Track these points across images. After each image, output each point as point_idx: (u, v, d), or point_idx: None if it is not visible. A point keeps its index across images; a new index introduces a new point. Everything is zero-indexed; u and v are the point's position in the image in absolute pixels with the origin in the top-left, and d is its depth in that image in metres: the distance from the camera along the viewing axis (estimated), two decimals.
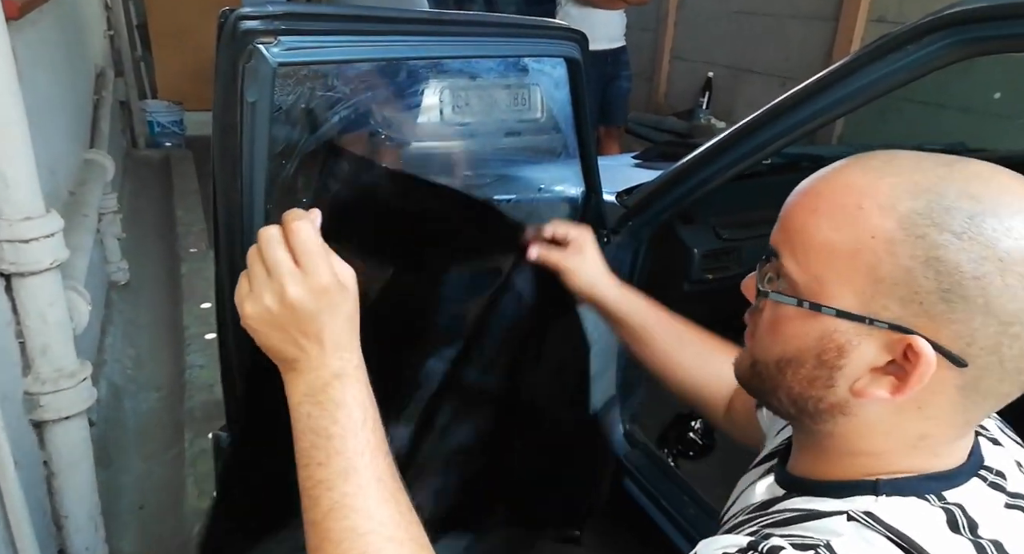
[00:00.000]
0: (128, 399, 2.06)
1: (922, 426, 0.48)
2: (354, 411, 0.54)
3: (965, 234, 0.43)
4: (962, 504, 0.47)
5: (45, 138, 1.67)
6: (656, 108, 4.50)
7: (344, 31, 0.73)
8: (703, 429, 1.76)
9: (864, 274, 0.46)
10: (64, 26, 2.37)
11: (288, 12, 0.67)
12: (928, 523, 0.46)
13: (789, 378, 0.51)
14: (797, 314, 0.49)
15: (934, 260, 0.43)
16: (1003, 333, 0.43)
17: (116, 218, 2.50)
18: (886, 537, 0.44)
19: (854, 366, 0.47)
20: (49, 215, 1.25)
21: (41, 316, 1.25)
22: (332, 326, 0.55)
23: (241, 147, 0.67)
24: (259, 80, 0.65)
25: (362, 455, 0.53)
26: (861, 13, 3.06)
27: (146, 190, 3.64)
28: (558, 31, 1.06)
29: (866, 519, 0.45)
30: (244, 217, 0.69)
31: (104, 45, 3.73)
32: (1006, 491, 0.50)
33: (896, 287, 0.45)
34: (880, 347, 0.46)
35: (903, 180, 0.45)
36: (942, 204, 0.44)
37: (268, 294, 0.54)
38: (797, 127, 1.12)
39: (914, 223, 0.44)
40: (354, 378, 0.56)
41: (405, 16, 0.82)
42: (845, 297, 0.47)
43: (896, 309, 0.45)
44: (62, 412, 1.29)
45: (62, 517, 1.36)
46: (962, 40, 0.93)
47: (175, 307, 2.58)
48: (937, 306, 0.44)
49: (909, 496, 0.47)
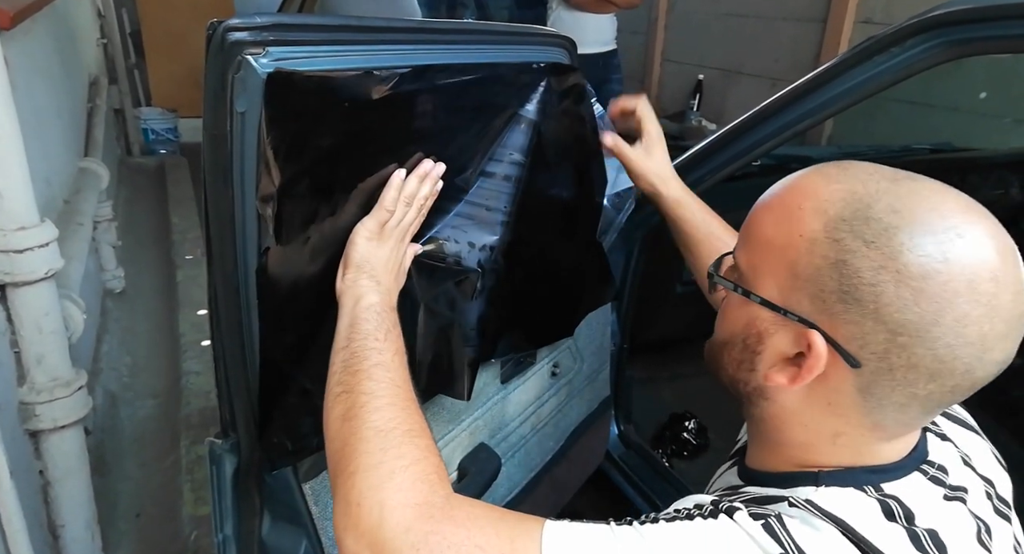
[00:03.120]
0: (124, 407, 2.06)
1: (834, 423, 0.51)
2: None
3: (873, 243, 0.45)
4: (898, 496, 0.50)
5: (39, 147, 1.68)
6: None
7: (334, 41, 0.73)
8: (697, 429, 1.77)
9: (787, 268, 0.49)
10: (57, 35, 2.37)
11: (276, 23, 0.67)
12: (863, 512, 0.48)
13: (725, 359, 0.56)
14: (735, 300, 0.54)
15: (840, 263, 0.46)
16: (891, 341, 0.45)
17: (111, 226, 2.50)
18: (828, 523, 0.47)
19: (770, 353, 0.52)
20: (44, 225, 1.25)
21: (36, 326, 1.26)
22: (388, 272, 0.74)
23: (231, 157, 0.67)
24: (248, 90, 0.65)
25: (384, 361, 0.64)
26: (849, 15, 3.08)
27: (141, 197, 3.64)
28: (548, 38, 1.07)
29: (805, 506, 0.48)
30: (236, 226, 0.70)
31: (97, 53, 3.73)
32: (946, 484, 0.53)
33: (808, 284, 0.48)
34: (791, 339, 0.50)
35: (844, 188, 0.48)
36: (866, 214, 0.46)
37: (385, 229, 0.74)
38: (787, 128, 1.13)
39: (836, 228, 0.47)
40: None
41: (394, 25, 0.83)
42: (770, 288, 0.51)
43: (806, 304, 0.48)
44: (58, 421, 1.29)
45: (59, 526, 1.36)
46: (946, 42, 0.94)
47: (171, 314, 2.57)
48: (836, 306, 0.47)
49: (848, 487, 0.50)
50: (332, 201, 0.75)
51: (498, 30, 1.10)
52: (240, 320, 0.73)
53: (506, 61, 0.96)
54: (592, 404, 1.39)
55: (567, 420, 1.31)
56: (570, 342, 1.27)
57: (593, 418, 1.39)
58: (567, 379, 1.29)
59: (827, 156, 0.80)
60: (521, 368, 1.14)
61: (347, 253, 0.73)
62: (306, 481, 0.81)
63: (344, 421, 0.59)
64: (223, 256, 0.71)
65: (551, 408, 1.25)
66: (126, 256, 2.75)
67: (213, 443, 0.80)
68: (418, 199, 0.78)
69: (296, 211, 0.71)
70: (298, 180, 0.70)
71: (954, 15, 0.92)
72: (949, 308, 0.44)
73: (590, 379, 1.37)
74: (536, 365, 1.18)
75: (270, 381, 0.75)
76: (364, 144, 0.76)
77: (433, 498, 0.52)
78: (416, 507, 0.51)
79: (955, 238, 0.44)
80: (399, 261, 0.77)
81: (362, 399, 0.59)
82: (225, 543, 0.83)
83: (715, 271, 0.57)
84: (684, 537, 0.47)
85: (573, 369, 1.31)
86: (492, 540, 0.49)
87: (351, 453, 0.56)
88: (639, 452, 1.55)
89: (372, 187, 0.78)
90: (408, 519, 0.50)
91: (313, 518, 0.82)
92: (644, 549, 0.46)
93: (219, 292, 0.73)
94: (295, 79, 0.67)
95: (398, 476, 0.53)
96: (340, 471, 0.56)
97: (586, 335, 1.31)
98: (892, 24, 1.00)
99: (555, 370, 1.23)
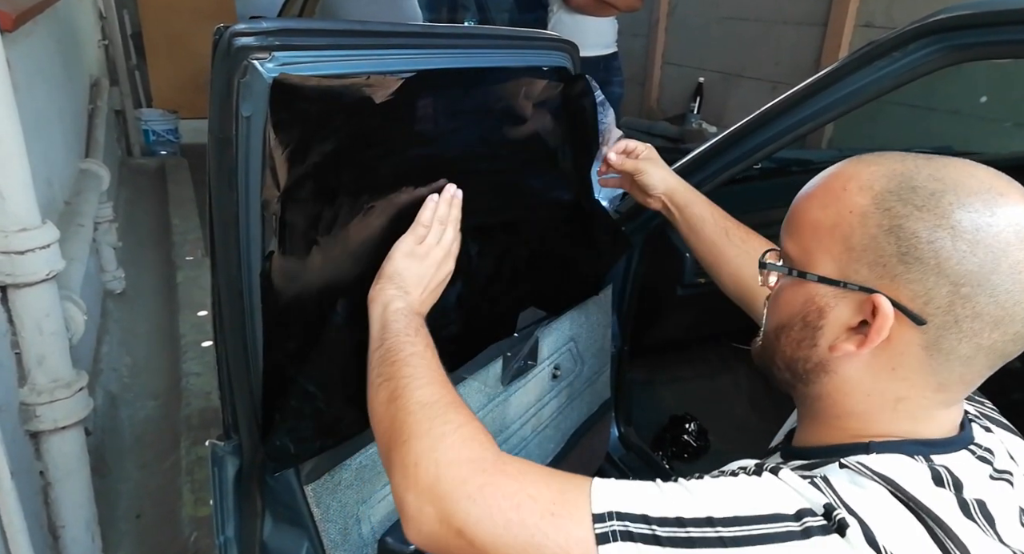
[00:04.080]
0: (125, 408, 2.06)
1: (897, 388, 0.53)
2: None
3: (924, 207, 0.49)
4: (948, 466, 0.52)
5: (41, 149, 1.68)
6: (648, 113, 4.52)
7: (339, 46, 0.74)
8: (697, 431, 1.76)
9: (840, 243, 0.53)
10: (59, 37, 2.37)
11: (282, 28, 0.67)
12: (913, 475, 0.50)
13: (783, 343, 0.58)
14: (790, 284, 0.57)
15: (896, 228, 0.50)
16: (955, 293, 0.48)
17: (112, 227, 2.50)
18: (877, 482, 0.49)
19: (832, 325, 0.54)
20: (45, 226, 1.26)
21: (37, 327, 1.26)
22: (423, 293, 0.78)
23: (236, 160, 0.67)
24: (254, 95, 0.65)
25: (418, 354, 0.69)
26: (849, 18, 3.09)
27: (142, 199, 3.64)
28: (550, 42, 1.08)
29: (857, 466, 0.50)
30: (240, 228, 0.70)
31: (99, 54, 3.73)
32: (993, 465, 0.55)
33: (864, 253, 0.51)
34: (853, 308, 0.53)
35: (884, 167, 0.53)
36: (910, 184, 0.50)
37: (423, 248, 0.78)
38: (787, 132, 1.14)
39: (884, 199, 0.51)
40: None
41: (399, 30, 0.83)
42: (826, 265, 0.54)
43: (865, 273, 0.52)
44: (58, 422, 1.29)
45: (59, 527, 1.36)
46: (947, 47, 0.95)
47: (171, 315, 2.57)
48: (897, 268, 0.50)
49: (898, 454, 0.52)
50: (338, 206, 0.75)
51: (502, 34, 1.11)
52: (243, 323, 0.73)
53: (509, 65, 0.96)
54: (592, 406, 1.39)
55: (567, 422, 1.31)
56: (571, 344, 1.27)
57: (593, 420, 1.39)
58: (568, 381, 1.29)
59: (828, 159, 0.81)
60: (523, 370, 1.14)
61: (383, 266, 0.78)
62: (308, 483, 0.81)
63: (390, 402, 0.63)
64: (227, 259, 0.71)
65: (552, 410, 1.25)
66: (127, 257, 2.75)
67: (215, 445, 0.80)
68: (451, 220, 0.82)
69: (301, 215, 0.72)
70: (303, 184, 0.70)
71: (955, 20, 0.93)
72: (1004, 256, 0.47)
73: (590, 381, 1.37)
74: (537, 367, 1.18)
75: (273, 384, 0.75)
76: (369, 148, 0.77)
77: (484, 454, 0.56)
78: (470, 462, 0.55)
79: (996, 196, 0.49)
80: (434, 278, 0.79)
81: (403, 381, 0.64)
82: (227, 545, 0.83)
83: (765, 262, 0.60)
84: (730, 490, 0.49)
85: (574, 371, 1.31)
86: (543, 490, 0.51)
87: (401, 426, 0.60)
88: (639, 454, 1.55)
89: (382, 192, 0.79)
90: (463, 473, 0.54)
91: (315, 520, 0.82)
92: (691, 501, 0.48)
93: (222, 295, 0.73)
94: (301, 84, 0.67)
95: (449, 437, 0.57)
96: (393, 443, 0.60)
97: (586, 337, 1.32)
98: (893, 28, 1.01)
99: (556, 372, 1.24)
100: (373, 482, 0.89)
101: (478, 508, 0.52)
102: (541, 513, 0.50)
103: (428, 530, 0.54)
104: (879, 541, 0.45)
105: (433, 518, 0.53)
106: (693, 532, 0.47)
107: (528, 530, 0.50)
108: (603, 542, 0.47)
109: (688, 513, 0.47)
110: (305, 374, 0.77)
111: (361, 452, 0.87)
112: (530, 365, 1.16)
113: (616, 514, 0.48)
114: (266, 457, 0.78)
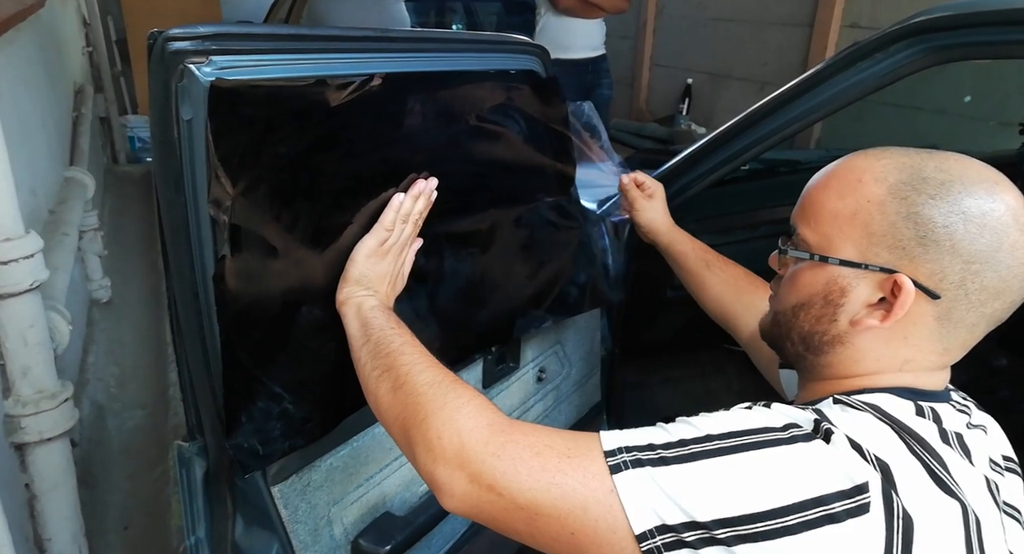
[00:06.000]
0: (111, 418, 2.04)
1: (907, 352, 0.60)
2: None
3: (937, 195, 0.56)
4: (933, 407, 0.59)
5: (24, 157, 1.66)
6: (637, 114, 4.54)
7: (283, 50, 0.74)
8: None
9: (861, 230, 0.59)
10: (42, 44, 2.35)
11: (220, 33, 0.68)
12: (898, 406, 0.58)
13: (801, 319, 0.64)
14: (810, 266, 0.63)
15: (914, 214, 0.57)
16: (966, 269, 0.56)
17: (97, 235, 2.48)
18: (865, 411, 0.56)
19: (853, 303, 0.61)
20: (29, 236, 1.24)
21: (21, 338, 1.24)
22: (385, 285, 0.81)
23: (181, 163, 0.68)
24: (192, 99, 0.66)
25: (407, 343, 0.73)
26: (835, 19, 3.12)
27: (127, 206, 3.61)
28: (518, 46, 1.07)
29: (848, 399, 0.58)
30: (191, 231, 0.70)
31: (83, 61, 3.70)
32: (970, 418, 0.62)
33: (885, 238, 0.58)
34: (874, 287, 0.59)
35: (892, 160, 0.60)
36: (921, 175, 0.57)
37: (384, 248, 0.81)
38: (775, 133, 1.14)
39: (899, 190, 0.58)
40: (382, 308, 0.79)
41: (346, 34, 0.83)
42: (846, 249, 0.60)
43: (885, 255, 0.58)
44: (44, 434, 1.27)
45: (45, 540, 1.34)
46: (929, 48, 0.95)
47: (158, 324, 2.55)
48: (915, 250, 0.57)
49: (887, 393, 0.59)
50: (292, 208, 0.75)
51: (465, 38, 1.10)
52: (200, 325, 0.73)
53: (466, 69, 0.96)
54: (582, 409, 1.39)
55: (555, 425, 1.31)
56: (557, 347, 1.27)
57: (583, 423, 1.39)
58: (554, 384, 1.29)
59: (816, 159, 0.81)
60: (503, 372, 1.14)
61: (347, 269, 0.80)
62: (275, 484, 0.81)
63: (395, 390, 0.67)
64: (179, 261, 0.71)
65: (536, 414, 1.25)
66: (112, 265, 2.73)
67: (180, 446, 0.81)
68: (413, 215, 0.84)
69: (253, 217, 0.71)
70: (250, 188, 0.70)
71: (937, 21, 0.93)
72: (1006, 236, 0.55)
73: (579, 384, 1.37)
74: (520, 370, 1.17)
75: (234, 385, 0.74)
76: (321, 152, 0.76)
77: (499, 418, 0.62)
78: (488, 426, 0.61)
79: (993, 185, 0.56)
80: (397, 272, 0.84)
81: (405, 369, 0.68)
82: (198, 546, 0.83)
83: (785, 246, 0.66)
84: (727, 416, 0.56)
85: (560, 374, 1.30)
86: (557, 440, 0.58)
87: (414, 407, 0.64)
88: None
89: (338, 195, 0.78)
90: (485, 435, 0.60)
91: (283, 521, 0.82)
92: (692, 429, 0.55)
93: (177, 297, 0.73)
94: (239, 87, 0.67)
95: (464, 408, 0.62)
96: (410, 424, 0.64)
97: (575, 340, 1.31)
98: (878, 28, 1.01)
99: (541, 375, 1.23)
100: (345, 484, 0.89)
101: (503, 463, 0.57)
102: (559, 456, 0.56)
103: (461, 492, 0.59)
104: (863, 446, 0.52)
105: (464, 481, 0.59)
106: (694, 448, 0.53)
107: (549, 472, 0.56)
108: (616, 471, 0.54)
109: (689, 435, 0.54)
110: (271, 375, 0.76)
111: (331, 453, 0.86)
112: (512, 367, 1.15)
113: (624, 448, 0.55)
114: (233, 458, 0.77)
